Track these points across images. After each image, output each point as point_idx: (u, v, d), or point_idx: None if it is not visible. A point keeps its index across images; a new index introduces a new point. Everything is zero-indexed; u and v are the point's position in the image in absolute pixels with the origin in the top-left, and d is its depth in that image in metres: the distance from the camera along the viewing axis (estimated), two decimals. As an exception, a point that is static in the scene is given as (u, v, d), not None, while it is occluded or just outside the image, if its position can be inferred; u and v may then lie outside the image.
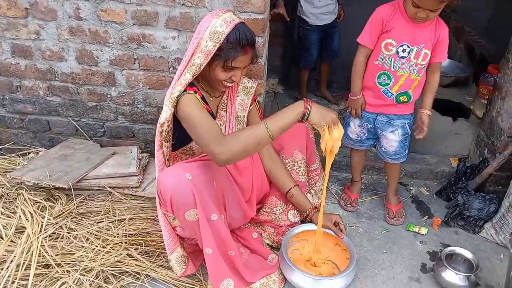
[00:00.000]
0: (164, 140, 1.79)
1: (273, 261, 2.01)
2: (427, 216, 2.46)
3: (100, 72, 2.37)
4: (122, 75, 2.37)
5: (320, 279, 1.90)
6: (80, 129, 2.57)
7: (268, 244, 2.16)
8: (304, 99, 1.70)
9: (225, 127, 2.00)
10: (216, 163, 1.67)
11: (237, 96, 2.03)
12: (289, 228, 2.13)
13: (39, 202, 2.15)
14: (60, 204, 2.18)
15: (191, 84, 1.77)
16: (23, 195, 2.16)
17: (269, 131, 1.63)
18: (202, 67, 1.72)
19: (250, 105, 2.06)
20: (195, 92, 1.78)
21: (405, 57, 2.01)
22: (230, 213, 1.99)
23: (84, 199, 2.26)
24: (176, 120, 1.79)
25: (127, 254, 1.98)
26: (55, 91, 2.47)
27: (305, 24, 3.18)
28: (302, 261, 2.06)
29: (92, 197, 2.29)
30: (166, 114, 1.72)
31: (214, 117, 1.94)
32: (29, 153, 2.56)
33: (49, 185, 2.16)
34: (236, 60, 1.74)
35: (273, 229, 2.19)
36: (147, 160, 2.47)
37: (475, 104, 2.90)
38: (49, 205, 2.14)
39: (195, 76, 1.74)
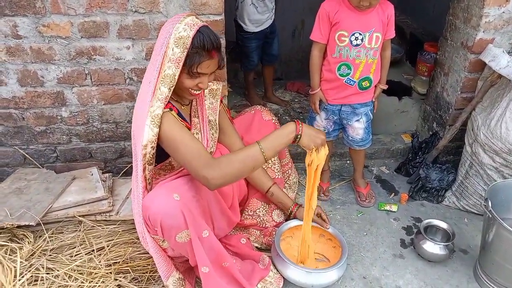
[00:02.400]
0: (147, 163, 1.66)
1: (265, 263, 1.99)
2: (393, 194, 2.60)
3: (47, 92, 2.17)
4: (73, 93, 2.19)
5: (318, 272, 1.93)
6: (29, 157, 2.34)
7: (256, 247, 2.14)
8: (295, 120, 1.70)
9: (201, 134, 1.93)
10: (208, 187, 1.62)
11: (205, 100, 1.96)
12: (276, 229, 2.13)
13: (3, 245, 1.93)
14: (28, 243, 1.97)
15: None
16: (-17, 241, 1.92)
17: (264, 153, 1.62)
18: (176, 77, 1.62)
19: (219, 107, 2.01)
20: (171, 110, 1.68)
21: (359, 44, 2.08)
22: (217, 223, 1.94)
23: (52, 234, 2.07)
24: None
25: (117, 284, 1.86)
26: (-5, 120, 2.22)
27: (243, 32, 3.10)
28: (293, 258, 2.08)
29: (60, 230, 2.10)
30: (148, 135, 1.59)
31: (189, 127, 1.86)
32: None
33: (12, 225, 1.95)
34: (202, 66, 1.65)
35: (259, 232, 2.18)
36: (112, 181, 2.32)
37: (415, 81, 3.09)
38: (17, 247, 1.93)
39: (172, 89, 1.64)
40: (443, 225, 2.21)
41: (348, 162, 2.84)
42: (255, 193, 2.22)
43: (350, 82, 2.16)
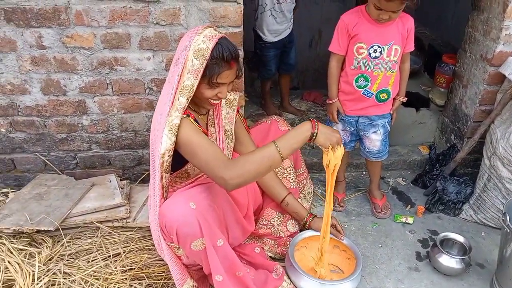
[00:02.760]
0: (164, 172, 1.69)
1: (278, 273, 2.00)
2: (409, 205, 2.58)
3: (69, 101, 2.23)
4: (94, 102, 2.24)
5: (332, 284, 1.93)
6: (50, 164, 2.40)
7: (270, 257, 2.15)
8: (311, 119, 1.70)
9: (217, 143, 1.96)
10: (227, 189, 1.63)
11: (222, 109, 1.99)
12: (290, 239, 2.14)
13: (23, 249, 1.98)
14: (47, 248, 2.02)
15: None
16: (4, 245, 1.97)
17: (280, 152, 1.61)
18: (194, 88, 1.66)
19: (235, 116, 2.04)
20: (188, 116, 1.72)
21: (377, 57, 2.08)
22: (232, 233, 1.96)
23: (70, 239, 2.12)
24: None
25: (132, 291, 1.89)
26: (18, 127, 2.28)
27: (261, 42, 3.14)
28: (307, 268, 2.08)
29: (78, 235, 2.15)
30: (166, 144, 1.62)
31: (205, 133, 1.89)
32: (-7, 196, 2.34)
33: (31, 229, 2.00)
34: (221, 76, 1.68)
35: (273, 241, 2.19)
36: (129, 188, 2.36)
37: (433, 93, 3.07)
38: (36, 251, 1.97)
39: (190, 99, 1.68)
40: (459, 238, 2.18)
41: (364, 173, 2.83)
42: (270, 202, 2.24)
43: (367, 94, 2.17)
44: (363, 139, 2.34)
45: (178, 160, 1.77)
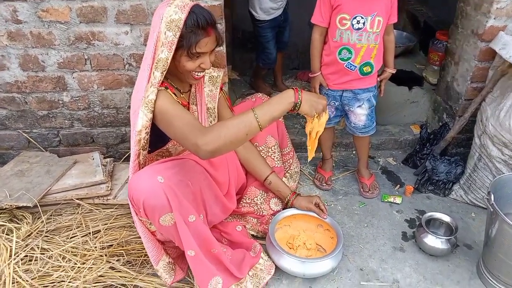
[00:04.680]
0: (142, 149, 1.66)
1: (256, 251, 1.96)
2: (398, 185, 2.53)
3: (48, 77, 2.19)
4: (73, 78, 2.20)
5: (311, 261, 1.89)
6: (33, 141, 2.38)
7: (252, 235, 2.12)
8: (294, 88, 1.59)
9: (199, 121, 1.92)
10: (200, 156, 1.54)
11: (204, 87, 1.94)
12: (272, 217, 2.10)
13: (2, 225, 1.96)
14: (27, 224, 2.01)
15: None
16: (-17, 221, 1.97)
17: (258, 120, 1.51)
18: (169, 61, 1.60)
19: (219, 94, 1.99)
20: (167, 88, 1.67)
21: (360, 28, 2.01)
22: (211, 210, 1.93)
23: (51, 215, 2.10)
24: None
25: (109, 267, 1.87)
26: (-1, 103, 2.26)
27: (257, 21, 3.07)
28: (287, 246, 2.05)
29: (59, 212, 2.13)
30: (142, 121, 1.58)
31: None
32: (-23, 174, 2.33)
33: (11, 205, 1.98)
34: (200, 44, 1.61)
35: (256, 220, 2.16)
36: (112, 165, 2.33)
37: (427, 71, 2.99)
38: (15, 227, 1.96)
39: (164, 73, 1.63)
40: (446, 218, 2.14)
41: (353, 152, 2.77)
42: (253, 181, 2.20)
43: (351, 67, 2.11)
44: (349, 113, 2.28)
45: (159, 139, 1.73)
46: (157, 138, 1.71)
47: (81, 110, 2.30)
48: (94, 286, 1.80)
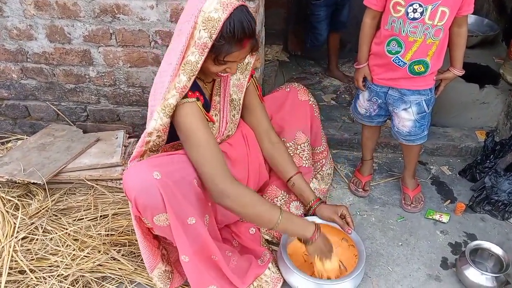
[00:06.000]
0: (149, 150, 1.53)
1: (264, 259, 1.77)
2: (449, 201, 2.18)
3: (74, 50, 2.11)
4: (99, 52, 2.11)
5: (325, 284, 1.67)
6: (61, 114, 2.34)
7: (267, 240, 1.92)
8: (317, 225, 1.67)
9: (220, 115, 1.73)
10: (213, 196, 1.53)
11: (231, 76, 1.74)
12: (290, 222, 1.89)
13: (12, 200, 1.95)
14: (38, 201, 1.98)
15: None
16: (-4, 193, 1.96)
17: (277, 224, 1.57)
18: (199, 66, 1.42)
19: (248, 83, 1.79)
20: (198, 99, 1.51)
21: (417, 18, 1.67)
22: (221, 210, 1.75)
23: (65, 193, 2.06)
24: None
25: (110, 256, 1.78)
26: (29, 74, 2.23)
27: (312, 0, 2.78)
28: (303, 259, 1.83)
29: (73, 191, 2.08)
30: (156, 124, 1.44)
31: (209, 107, 1.67)
32: (7, 141, 2.35)
33: (23, 180, 1.96)
34: (230, 56, 1.44)
35: (273, 223, 1.96)
36: (134, 147, 2.23)
37: (505, 67, 2.54)
38: (26, 203, 1.94)
39: (192, 79, 1.44)
40: (497, 250, 1.78)
41: (402, 156, 2.43)
42: (276, 179, 1.99)
43: (399, 62, 1.78)
44: (393, 115, 1.97)
45: (174, 132, 1.57)
46: (173, 130, 1.55)
47: (107, 86, 2.21)
48: (90, 276, 1.72)
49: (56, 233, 1.84)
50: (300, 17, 3.17)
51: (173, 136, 1.58)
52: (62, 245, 1.80)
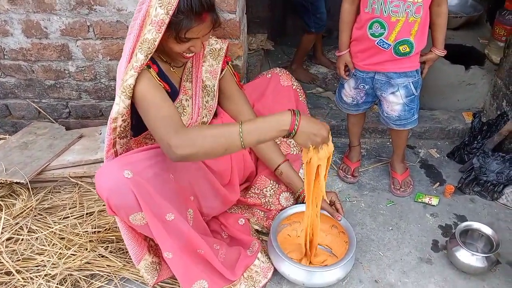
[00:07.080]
0: (118, 137, 1.48)
1: (253, 249, 1.74)
2: (438, 183, 2.17)
3: (52, 45, 2.06)
4: (77, 46, 2.05)
5: (315, 271, 1.65)
6: (42, 111, 2.29)
7: (256, 230, 1.91)
8: (293, 110, 1.34)
9: (192, 101, 1.69)
10: (169, 156, 1.36)
11: (204, 61, 1.70)
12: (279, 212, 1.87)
13: (-5, 201, 1.91)
14: (22, 200, 1.94)
15: None
16: (-22, 194, 1.92)
17: (242, 138, 1.31)
18: (156, 43, 1.38)
19: (222, 70, 1.75)
20: (149, 67, 1.45)
21: None
22: (206, 203, 1.73)
23: (49, 192, 2.02)
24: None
25: (98, 254, 1.75)
26: (7, 71, 2.18)
27: None
28: (294, 247, 1.82)
29: (58, 189, 2.04)
30: (118, 107, 1.39)
31: (177, 92, 1.63)
32: (-11, 142, 2.30)
33: (5, 180, 1.91)
34: (191, 32, 1.40)
35: (263, 213, 1.93)
36: (118, 141, 2.19)
37: (490, 47, 2.53)
38: (10, 203, 1.90)
39: (149, 57, 1.40)
40: (487, 230, 1.78)
41: (390, 141, 2.43)
42: (264, 169, 1.96)
43: (383, 45, 1.76)
44: (381, 100, 1.94)
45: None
46: (142, 119, 1.51)
47: (87, 81, 2.17)
48: (78, 274, 1.69)
49: (42, 233, 1.80)
50: (290, 5, 3.08)
51: (141, 126, 1.54)
52: (48, 244, 1.77)
